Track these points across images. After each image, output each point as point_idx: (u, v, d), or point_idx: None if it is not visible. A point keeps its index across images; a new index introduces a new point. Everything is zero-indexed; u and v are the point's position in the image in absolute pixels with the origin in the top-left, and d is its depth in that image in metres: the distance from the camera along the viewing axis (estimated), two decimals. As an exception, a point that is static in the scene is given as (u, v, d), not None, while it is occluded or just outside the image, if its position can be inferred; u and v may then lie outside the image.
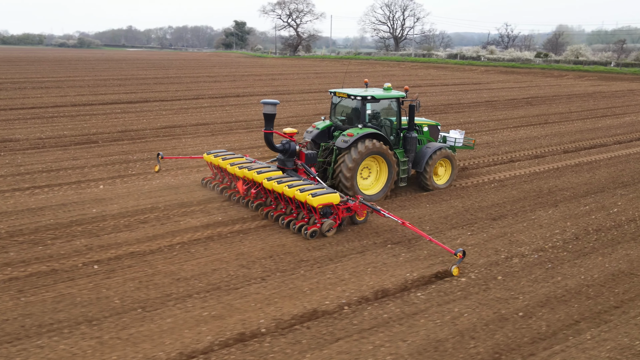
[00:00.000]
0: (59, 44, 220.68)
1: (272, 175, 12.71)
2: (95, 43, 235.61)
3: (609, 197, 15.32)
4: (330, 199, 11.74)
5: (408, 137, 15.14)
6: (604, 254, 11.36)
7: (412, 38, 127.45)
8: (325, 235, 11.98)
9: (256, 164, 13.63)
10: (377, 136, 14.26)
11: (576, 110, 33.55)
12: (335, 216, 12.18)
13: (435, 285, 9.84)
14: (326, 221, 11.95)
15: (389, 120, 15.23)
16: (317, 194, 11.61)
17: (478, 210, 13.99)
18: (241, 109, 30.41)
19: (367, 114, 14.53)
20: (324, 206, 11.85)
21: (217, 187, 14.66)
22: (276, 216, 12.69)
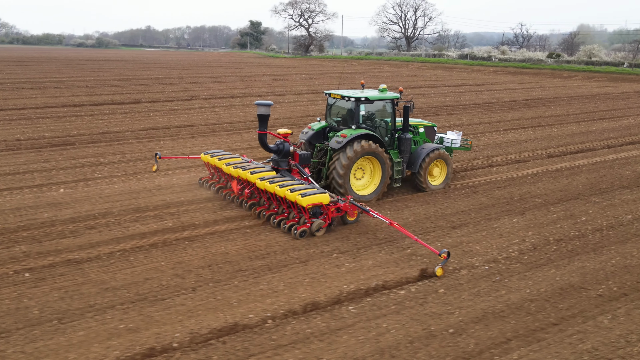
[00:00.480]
0: (78, 44, 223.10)
1: (265, 175, 12.87)
2: (114, 43, 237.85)
3: (581, 205, 14.77)
4: (320, 199, 11.84)
5: (402, 138, 15.17)
6: (558, 266, 10.87)
7: (424, 38, 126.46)
8: (315, 234, 12.06)
9: (251, 164, 13.79)
10: (371, 137, 14.25)
11: (574, 112, 32.78)
12: (325, 216, 12.25)
13: (371, 298, 9.46)
14: (316, 221, 12.03)
15: (384, 121, 15.23)
16: (307, 194, 11.71)
17: (440, 218, 13.56)
18: (230, 111, 30.20)
19: (361, 115, 14.57)
20: (313, 206, 11.98)
21: (214, 186, 14.87)
22: (268, 215, 12.78)
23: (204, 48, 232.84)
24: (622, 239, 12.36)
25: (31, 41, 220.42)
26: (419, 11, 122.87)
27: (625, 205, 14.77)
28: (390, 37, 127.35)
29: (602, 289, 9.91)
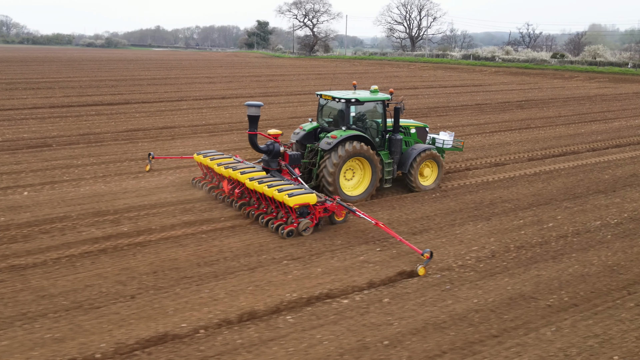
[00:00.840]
0: (87, 44, 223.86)
1: (254, 176, 13.01)
2: (123, 43, 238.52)
3: (551, 210, 14.44)
4: (307, 199, 11.97)
5: (393, 139, 15.24)
6: (512, 275, 10.58)
7: (429, 38, 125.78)
8: (302, 234, 12.15)
9: (242, 165, 13.95)
10: (361, 138, 14.33)
11: (566, 114, 32.31)
12: (312, 216, 12.37)
13: (312, 307, 9.22)
14: (303, 221, 12.15)
15: (375, 122, 15.35)
16: (294, 194, 11.85)
17: (402, 223, 13.28)
18: (218, 112, 30.02)
19: (352, 116, 14.68)
20: (300, 206, 12.10)
21: (206, 186, 15.08)
22: (257, 215, 12.90)
23: (211, 48, 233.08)
24: (585, 247, 12.04)
25: (41, 41, 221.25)
26: (423, 11, 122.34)
27: (597, 211, 14.42)
28: (394, 37, 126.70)
29: (552, 299, 9.62)
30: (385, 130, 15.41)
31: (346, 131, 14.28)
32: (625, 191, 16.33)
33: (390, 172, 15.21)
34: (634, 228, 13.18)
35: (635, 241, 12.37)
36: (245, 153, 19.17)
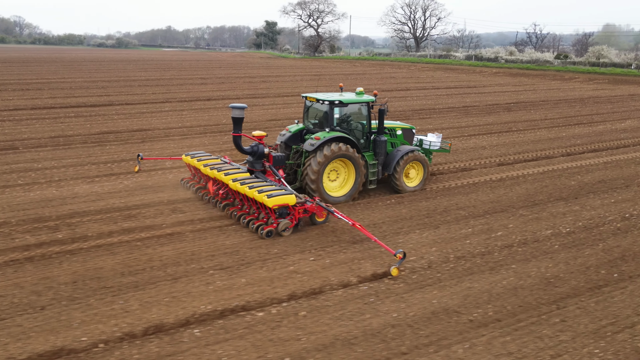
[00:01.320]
0: (98, 44, 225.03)
1: (237, 177, 13.17)
2: (133, 43, 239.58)
3: (505, 219, 14.04)
4: (286, 200, 12.12)
5: (377, 141, 15.40)
6: (443, 287, 10.23)
7: (434, 39, 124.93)
8: (281, 234, 12.35)
9: (227, 166, 14.14)
10: (345, 140, 14.51)
11: (553, 117, 31.75)
12: (291, 217, 12.53)
13: (223, 320, 8.92)
14: (282, 221, 12.33)
15: (359, 124, 15.52)
16: (273, 195, 12.01)
17: (346, 232, 12.93)
18: (197, 114, 29.82)
19: (335, 118, 14.86)
20: (279, 207, 12.26)
21: (194, 187, 15.32)
22: (239, 216, 13.06)
23: (221, 48, 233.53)
24: (528, 257, 11.64)
25: (52, 41, 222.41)
26: (427, 11, 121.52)
27: (551, 220, 14.00)
28: (398, 37, 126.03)
29: (477, 314, 9.26)
30: (370, 131, 15.55)
31: (330, 133, 14.44)
32: (588, 198, 15.88)
33: (374, 174, 15.36)
34: (585, 238, 12.76)
35: (581, 252, 11.96)
36: (229, 155, 18.96)
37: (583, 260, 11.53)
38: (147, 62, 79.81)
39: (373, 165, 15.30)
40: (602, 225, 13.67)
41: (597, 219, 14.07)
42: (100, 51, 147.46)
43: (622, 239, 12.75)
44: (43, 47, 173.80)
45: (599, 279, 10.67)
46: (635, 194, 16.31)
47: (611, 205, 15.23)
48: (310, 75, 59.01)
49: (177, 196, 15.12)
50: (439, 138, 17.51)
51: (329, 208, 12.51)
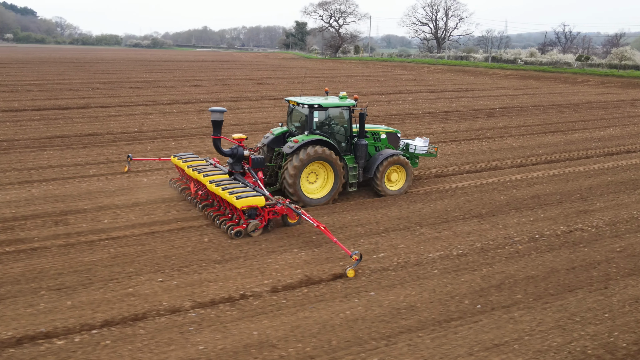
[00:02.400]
0: (134, 44, 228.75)
1: (215, 178, 13.43)
2: (168, 44, 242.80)
3: (400, 237, 13.07)
4: (255, 201, 12.37)
5: (358, 144, 15.53)
6: (277, 316, 9.40)
7: (456, 39, 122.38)
8: (251, 235, 12.57)
9: (208, 167, 14.47)
10: (324, 143, 14.66)
11: (532, 124, 30.24)
12: (261, 218, 12.74)
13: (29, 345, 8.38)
14: (251, 222, 12.54)
15: (341, 127, 15.66)
16: (242, 197, 12.26)
17: (220, 249, 12.22)
18: (165, 118, 29.35)
19: (315, 122, 15.01)
20: (248, 208, 12.50)
21: (179, 187, 15.69)
22: (214, 216, 13.33)
23: (253, 48, 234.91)
24: (396, 283, 10.71)
25: (90, 42, 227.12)
26: (449, 11, 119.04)
27: (450, 240, 12.97)
28: (419, 38, 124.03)
29: (293, 349, 8.45)
30: (352, 135, 15.64)
31: (308, 136, 14.59)
32: (507, 215, 14.76)
33: (355, 177, 15.50)
34: (472, 262, 11.74)
35: (457, 278, 10.95)
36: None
37: (453, 288, 10.54)
38: (157, 63, 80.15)
39: (353, 169, 15.43)
40: (501, 247, 12.60)
41: (500, 240, 12.99)
42: (129, 51, 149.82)
43: (512, 263, 11.69)
44: (75, 47, 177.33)
45: (456, 310, 9.69)
46: (562, 211, 15.11)
47: (527, 224, 14.09)
48: (312, 77, 58.19)
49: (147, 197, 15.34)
50: (425, 142, 17.43)
51: (296, 210, 12.59)
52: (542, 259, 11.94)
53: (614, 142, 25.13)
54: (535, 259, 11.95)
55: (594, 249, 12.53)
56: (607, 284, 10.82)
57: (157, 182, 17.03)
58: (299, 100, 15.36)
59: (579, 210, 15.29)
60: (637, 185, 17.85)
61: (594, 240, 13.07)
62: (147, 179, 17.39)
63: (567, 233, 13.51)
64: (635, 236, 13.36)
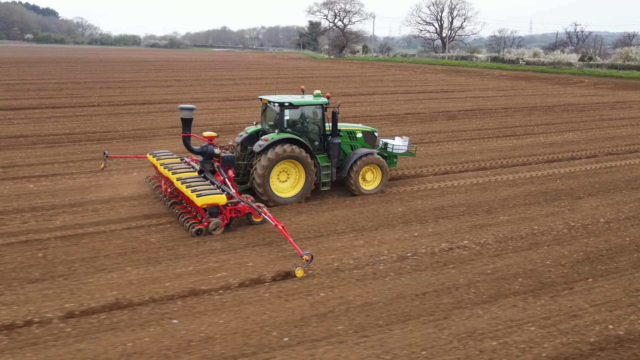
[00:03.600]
0: (151, 44, 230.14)
1: (182, 176, 13.19)
2: (185, 44, 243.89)
3: (257, 255, 11.85)
4: (216, 199, 12.13)
5: (330, 143, 15.23)
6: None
7: (462, 39, 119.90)
8: (212, 233, 12.36)
9: (180, 165, 14.22)
10: (294, 141, 14.38)
11: (491, 127, 28.68)
12: (223, 216, 12.50)
13: None
14: (213, 220, 12.32)
15: (314, 126, 15.41)
16: (202, 194, 12.03)
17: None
18: (117, 119, 28.13)
19: (286, 120, 14.73)
20: (209, 206, 12.29)
21: (154, 185, 15.53)
22: (179, 214, 13.14)
23: (269, 48, 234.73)
24: (205, 310, 9.52)
25: (109, 42, 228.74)
26: (454, 10, 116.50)
27: (345, 251, 11.82)
28: (423, 38, 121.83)
29: None
30: (325, 134, 15.36)
31: (279, 134, 14.36)
32: (391, 230, 13.42)
33: (327, 176, 15.24)
34: (316, 284, 10.42)
35: (287, 303, 9.68)
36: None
37: (271, 316, 9.30)
38: (151, 63, 79.15)
39: (326, 168, 15.15)
40: (361, 267, 11.28)
41: (364, 259, 11.65)
42: (139, 51, 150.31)
43: (358, 287, 10.38)
44: (89, 47, 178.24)
45: (255, 344, 8.47)
46: (455, 225, 13.73)
47: (406, 241, 12.74)
48: (296, 77, 56.82)
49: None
50: (405, 142, 16.97)
51: (258, 209, 12.26)
52: (396, 282, 10.63)
53: (565, 147, 23.50)
54: (388, 282, 10.65)
55: (463, 270, 11.19)
56: (451, 313, 9.49)
57: (126, 180, 16.81)
58: (270, 99, 15.06)
59: (475, 224, 13.91)
60: (558, 196, 16.37)
61: (469, 260, 11.71)
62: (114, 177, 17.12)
63: (446, 251, 12.16)
64: (519, 255, 11.98)
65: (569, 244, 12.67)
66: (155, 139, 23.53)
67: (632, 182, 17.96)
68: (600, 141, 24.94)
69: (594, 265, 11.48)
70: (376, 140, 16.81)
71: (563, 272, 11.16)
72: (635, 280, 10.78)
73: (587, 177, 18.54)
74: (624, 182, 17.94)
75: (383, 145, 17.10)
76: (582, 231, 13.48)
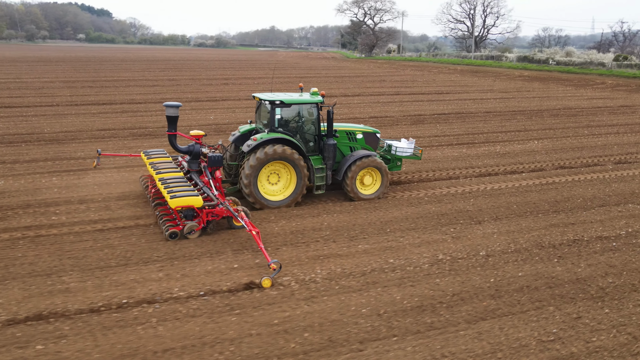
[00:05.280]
0: (198, 44, 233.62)
1: (165, 176, 12.53)
2: (232, 43, 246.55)
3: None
4: (191, 201, 11.32)
5: (325, 144, 14.23)
6: None
7: (495, 38, 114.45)
8: (187, 237, 11.53)
9: (167, 165, 13.54)
10: (285, 142, 13.45)
11: (454, 133, 25.83)
12: (199, 219, 11.70)
13: None
14: (188, 223, 11.52)
15: (309, 126, 14.46)
16: (177, 196, 11.26)
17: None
18: (94, 118, 27.12)
19: (277, 119, 13.81)
20: (184, 208, 11.53)
21: (145, 184, 14.91)
22: (160, 215, 12.38)
23: (313, 48, 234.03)
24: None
25: (157, 42, 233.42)
26: (487, 8, 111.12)
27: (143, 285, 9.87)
28: (454, 37, 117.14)
29: None
30: (320, 134, 14.35)
31: (269, 134, 13.46)
32: (199, 261, 11.27)
33: (322, 179, 14.17)
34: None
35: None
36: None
37: None
38: (171, 62, 78.58)
39: (320, 170, 14.07)
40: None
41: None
42: (179, 50, 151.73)
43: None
44: (135, 47, 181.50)
45: None
46: (298, 254, 11.41)
47: (201, 276, 10.56)
48: (294, 78, 54.69)
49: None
50: (411, 144, 15.85)
51: (235, 212, 11.45)
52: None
53: (516, 159, 20.34)
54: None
55: (245, 319, 8.93)
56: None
57: (117, 179, 16.42)
58: (261, 97, 14.08)
59: (321, 254, 11.51)
60: (455, 219, 13.71)
61: (257, 306, 9.33)
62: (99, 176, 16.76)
63: (231, 293, 9.63)
64: (335, 299, 9.53)
65: (412, 284, 10.16)
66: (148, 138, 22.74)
67: (560, 204, 15.07)
68: (563, 152, 21.82)
69: (419, 317, 8.99)
70: (378, 142, 15.64)
71: (371, 326, 8.74)
72: (452, 342, 8.25)
73: (510, 196, 15.77)
74: (550, 204, 15.07)
75: (387, 147, 16.09)
76: (444, 267, 10.93)
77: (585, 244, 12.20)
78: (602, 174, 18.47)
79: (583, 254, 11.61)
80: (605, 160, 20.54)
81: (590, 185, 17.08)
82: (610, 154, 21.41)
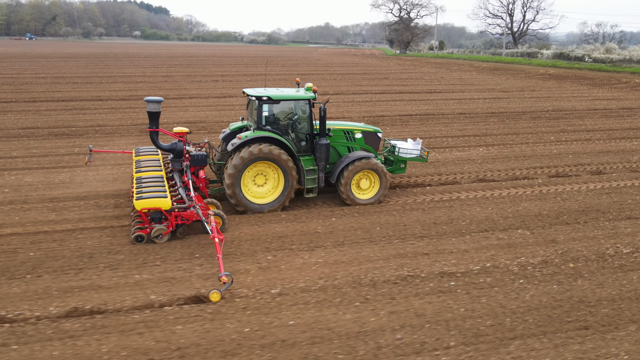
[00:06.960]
0: (250, 40, 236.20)
1: (144, 175, 12.03)
2: (283, 40, 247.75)
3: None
4: (158, 203, 10.54)
5: (317, 144, 13.15)
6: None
7: (534, 34, 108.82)
8: (154, 241, 10.77)
9: (151, 163, 13.02)
10: (272, 140, 12.59)
11: (447, 135, 24.48)
12: (168, 223, 10.89)
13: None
14: (155, 227, 10.77)
15: (301, 124, 13.46)
16: (143, 197, 10.58)
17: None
18: (68, 115, 27.43)
19: (264, 116, 12.90)
20: (151, 211, 10.75)
21: None
22: (134, 216, 11.67)
23: (361, 44, 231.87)
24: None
25: (210, 38, 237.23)
26: (528, 2, 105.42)
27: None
28: (491, 33, 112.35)
29: None
30: (312, 133, 13.35)
31: (254, 132, 12.61)
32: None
33: (313, 181, 13.10)
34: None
35: None
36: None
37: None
38: (191, 58, 75.74)
39: (311, 172, 13.00)
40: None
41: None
42: (223, 47, 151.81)
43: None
44: (181, 44, 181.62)
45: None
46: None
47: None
48: (297, 73, 53.59)
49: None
50: (417, 145, 14.67)
51: (203, 218, 10.57)
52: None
53: (438, 169, 18.09)
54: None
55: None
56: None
57: (102, 177, 16.09)
58: (249, 92, 13.16)
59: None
60: (320, 242, 11.63)
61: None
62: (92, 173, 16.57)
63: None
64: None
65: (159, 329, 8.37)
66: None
67: (433, 227, 12.66)
68: (500, 161, 19.38)
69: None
70: (380, 142, 14.69)
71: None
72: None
73: (381, 216, 13.28)
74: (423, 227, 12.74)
75: (391, 147, 14.95)
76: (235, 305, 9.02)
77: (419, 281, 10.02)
78: (528, 189, 15.86)
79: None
80: (540, 173, 17.80)
81: (493, 204, 14.36)
82: (552, 165, 18.73)
